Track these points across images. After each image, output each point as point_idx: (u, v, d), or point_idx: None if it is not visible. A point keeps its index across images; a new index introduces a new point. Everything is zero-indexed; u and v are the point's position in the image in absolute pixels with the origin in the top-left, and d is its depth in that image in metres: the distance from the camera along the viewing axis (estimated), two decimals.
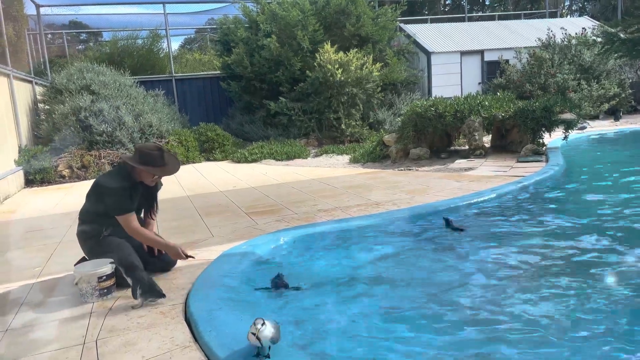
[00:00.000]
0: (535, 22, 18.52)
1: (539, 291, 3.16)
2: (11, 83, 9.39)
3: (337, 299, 3.24)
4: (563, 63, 13.96)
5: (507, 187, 5.87)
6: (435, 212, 5.07)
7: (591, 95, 13.36)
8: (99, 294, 3.23)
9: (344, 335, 2.73)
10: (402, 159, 9.09)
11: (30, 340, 2.74)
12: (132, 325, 2.81)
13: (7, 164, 8.59)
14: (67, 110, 10.63)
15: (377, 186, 6.74)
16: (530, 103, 8.46)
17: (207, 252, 4.08)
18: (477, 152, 8.49)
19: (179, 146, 11.34)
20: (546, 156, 7.90)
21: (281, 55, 12.66)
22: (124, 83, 12.11)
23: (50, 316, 3.01)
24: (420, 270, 3.71)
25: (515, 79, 14.25)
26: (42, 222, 6.00)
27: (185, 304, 3.05)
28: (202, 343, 2.53)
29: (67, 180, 9.68)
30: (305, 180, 7.83)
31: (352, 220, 4.84)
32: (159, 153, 3.51)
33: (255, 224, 4.99)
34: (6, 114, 8.97)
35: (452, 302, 3.08)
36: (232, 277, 3.40)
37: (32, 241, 5.06)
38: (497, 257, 3.80)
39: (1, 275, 3.99)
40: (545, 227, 4.54)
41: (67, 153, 10.14)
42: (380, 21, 13.81)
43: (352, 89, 12.17)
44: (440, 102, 8.84)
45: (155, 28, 17.04)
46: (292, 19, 12.61)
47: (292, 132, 12.72)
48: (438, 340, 2.63)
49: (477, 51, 15.89)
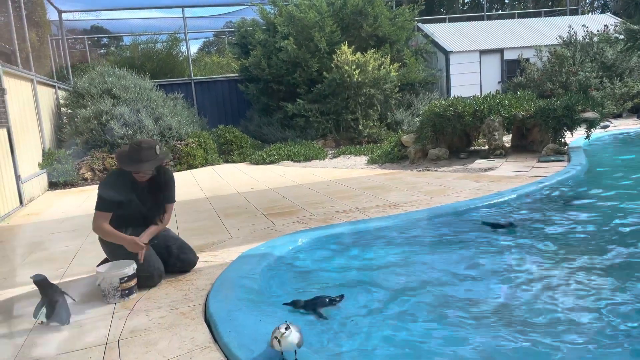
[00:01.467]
0: (555, 20, 18.26)
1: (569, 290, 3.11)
2: (35, 88, 9.59)
3: (356, 301, 3.23)
4: (585, 61, 13.73)
5: (528, 188, 5.79)
6: (455, 212, 5.03)
7: (614, 94, 13.11)
8: (121, 294, 3.28)
9: (368, 336, 2.72)
10: (420, 159, 9.03)
11: (54, 340, 2.79)
12: (153, 326, 2.85)
13: (32, 167, 8.78)
14: (89, 114, 10.82)
15: (395, 187, 6.71)
16: (552, 102, 8.33)
17: (226, 253, 4.11)
18: (497, 152, 8.39)
19: (198, 148, 11.44)
20: (568, 156, 7.77)
21: (298, 57, 12.70)
22: (144, 87, 12.28)
23: (74, 317, 3.06)
24: (439, 271, 3.68)
25: (535, 78, 14.06)
26: (65, 224, 6.11)
27: (205, 304, 3.08)
28: (221, 344, 2.54)
29: (90, 182, 9.85)
30: (323, 181, 7.83)
31: (370, 221, 4.83)
32: (133, 150, 3.47)
33: (274, 225, 5.01)
34: (30, 118, 9.17)
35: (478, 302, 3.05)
36: (251, 278, 3.42)
37: (55, 242, 5.15)
38: (517, 258, 3.75)
39: (25, 276, 4.07)
40: (567, 228, 4.46)
41: (89, 156, 10.32)
42: (397, 21, 13.76)
43: (369, 89, 12.14)
44: (459, 102, 8.76)
45: (175, 32, 17.27)
46: (309, 20, 12.64)
47: (310, 133, 12.75)
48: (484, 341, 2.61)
49: (496, 50, 15.72)
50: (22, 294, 3.60)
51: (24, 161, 8.14)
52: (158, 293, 3.37)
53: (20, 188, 7.69)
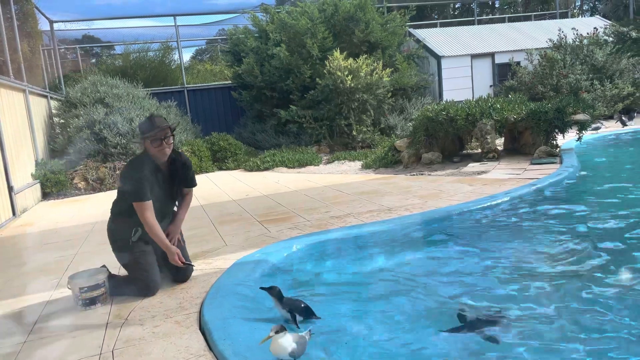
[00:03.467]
0: (546, 23, 18.40)
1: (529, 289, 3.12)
2: (27, 98, 9.57)
3: (351, 306, 3.23)
4: (575, 63, 13.85)
5: (520, 190, 5.82)
6: (448, 216, 5.05)
7: (605, 95, 13.22)
8: (82, 303, 3.33)
9: (363, 342, 2.72)
10: (414, 164, 9.06)
11: (48, 351, 2.78)
12: (148, 335, 2.84)
13: (24, 177, 8.74)
14: (81, 124, 10.80)
15: (389, 192, 6.73)
16: (543, 104, 8.39)
17: (220, 261, 4.11)
18: (490, 155, 8.43)
19: (192, 156, 11.43)
20: (560, 158, 7.83)
21: (291, 64, 12.73)
22: (137, 95, 12.27)
23: (68, 327, 3.04)
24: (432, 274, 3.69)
25: (526, 81, 14.16)
26: (58, 235, 6.08)
27: (200, 313, 3.07)
28: (216, 352, 2.54)
29: (83, 192, 9.81)
30: (318, 187, 7.84)
31: (365, 226, 4.84)
32: (147, 120, 3.49)
33: (268, 232, 5.01)
34: (23, 129, 9.14)
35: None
36: (246, 286, 3.41)
37: (49, 253, 5.12)
38: (510, 259, 3.77)
39: (19, 288, 4.05)
40: (557, 229, 4.49)
41: (83, 166, 10.29)
42: (389, 27, 13.83)
43: (362, 95, 12.19)
44: (452, 106, 8.81)
45: (167, 40, 17.28)
46: (301, 27, 12.69)
47: (304, 139, 12.77)
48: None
49: (487, 54, 15.83)
50: (15, 306, 3.58)
51: (16, 172, 8.11)
52: (152, 302, 3.36)
53: (13, 199, 7.65)
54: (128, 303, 3.38)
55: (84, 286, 3.31)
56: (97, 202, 8.54)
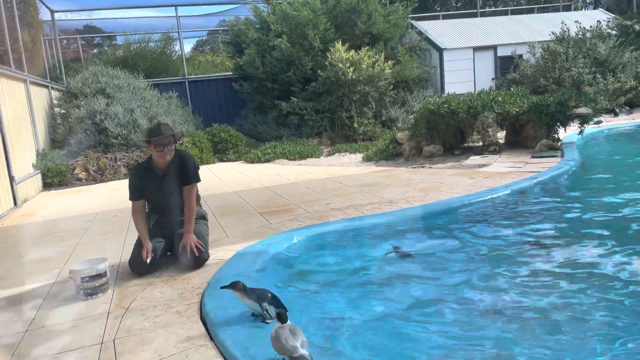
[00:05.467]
0: (548, 16, 18.31)
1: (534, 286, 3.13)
2: (28, 88, 9.55)
3: (348, 297, 3.25)
4: (578, 57, 13.78)
5: (521, 183, 5.82)
6: (449, 209, 5.06)
7: (607, 89, 13.17)
8: (84, 293, 3.36)
9: (354, 334, 2.74)
10: (415, 156, 9.05)
11: (50, 340, 2.79)
12: (149, 325, 2.85)
13: (25, 167, 8.74)
14: (82, 114, 10.79)
15: (390, 184, 6.73)
16: (545, 98, 8.37)
17: (221, 252, 4.12)
18: (491, 148, 8.42)
19: (193, 147, 11.43)
20: (561, 151, 7.82)
21: (292, 55, 12.68)
22: (138, 86, 12.24)
23: (69, 316, 3.06)
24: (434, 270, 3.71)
25: (529, 74, 14.10)
26: (59, 225, 6.09)
27: (201, 303, 3.09)
28: (217, 341, 2.55)
29: (84, 183, 9.82)
30: (318, 179, 7.84)
31: (365, 218, 4.84)
32: (154, 127, 3.82)
33: (269, 224, 5.02)
34: (23, 119, 9.13)
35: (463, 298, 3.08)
36: (247, 276, 3.42)
37: (50, 243, 5.14)
38: (508, 253, 3.78)
39: (21, 277, 4.07)
40: (556, 222, 4.50)
41: (84, 156, 10.29)
42: (391, 19, 13.76)
43: (364, 87, 12.15)
44: (453, 99, 8.79)
45: (168, 31, 17.21)
46: (302, 18, 12.63)
47: (305, 131, 12.75)
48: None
49: (489, 46, 15.76)
50: (16, 295, 3.60)
51: (17, 162, 8.11)
52: (154, 292, 3.38)
53: (15, 189, 7.66)
54: (129, 293, 3.40)
55: (85, 276, 3.33)
56: (98, 193, 8.55)
